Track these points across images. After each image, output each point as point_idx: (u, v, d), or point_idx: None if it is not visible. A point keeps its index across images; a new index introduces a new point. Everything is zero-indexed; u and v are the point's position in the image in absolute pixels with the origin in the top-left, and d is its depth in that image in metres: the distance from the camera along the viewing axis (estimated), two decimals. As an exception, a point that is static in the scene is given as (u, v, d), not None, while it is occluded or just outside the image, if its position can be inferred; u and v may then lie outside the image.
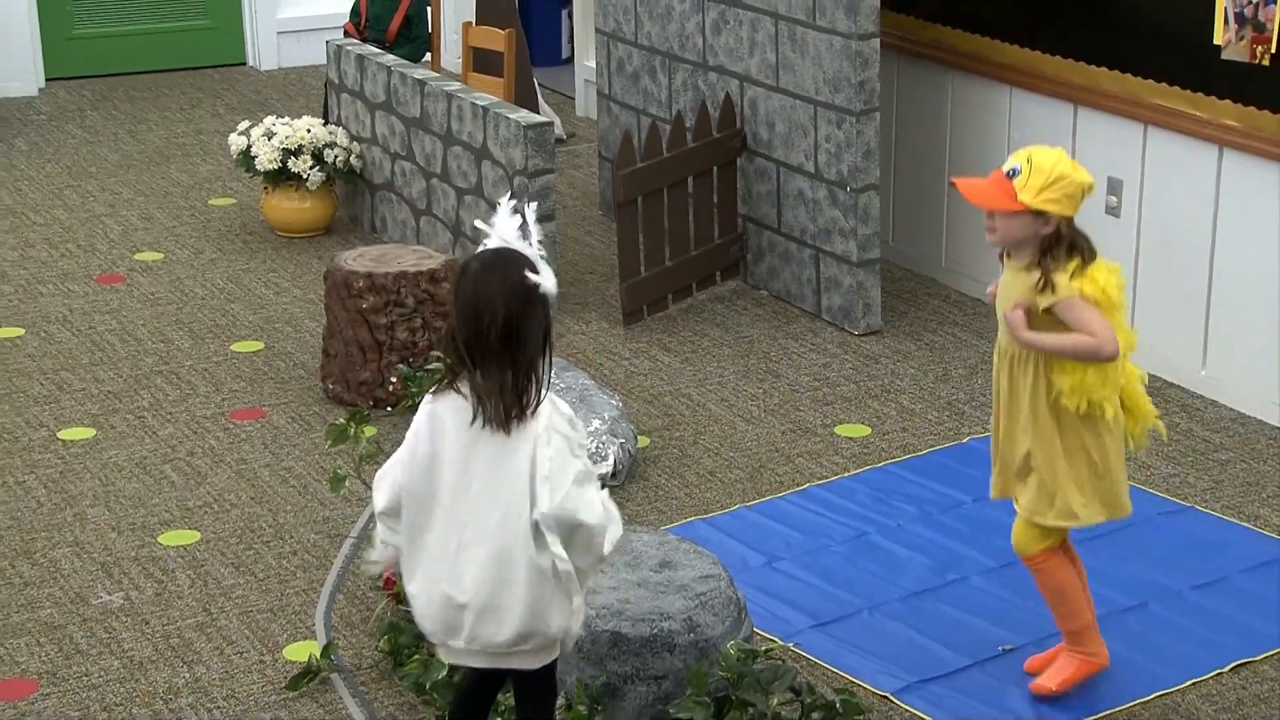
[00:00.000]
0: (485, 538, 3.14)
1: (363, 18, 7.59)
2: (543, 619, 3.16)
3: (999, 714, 3.97)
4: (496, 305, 3.13)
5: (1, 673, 4.12)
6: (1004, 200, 3.67)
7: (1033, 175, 3.65)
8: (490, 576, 3.14)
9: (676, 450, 5.21)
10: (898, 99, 6.49)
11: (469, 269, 3.21)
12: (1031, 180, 3.65)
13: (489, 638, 3.18)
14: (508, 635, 3.17)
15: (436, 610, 3.20)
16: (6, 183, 7.49)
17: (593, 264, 6.65)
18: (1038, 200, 3.64)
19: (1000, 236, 3.74)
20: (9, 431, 5.29)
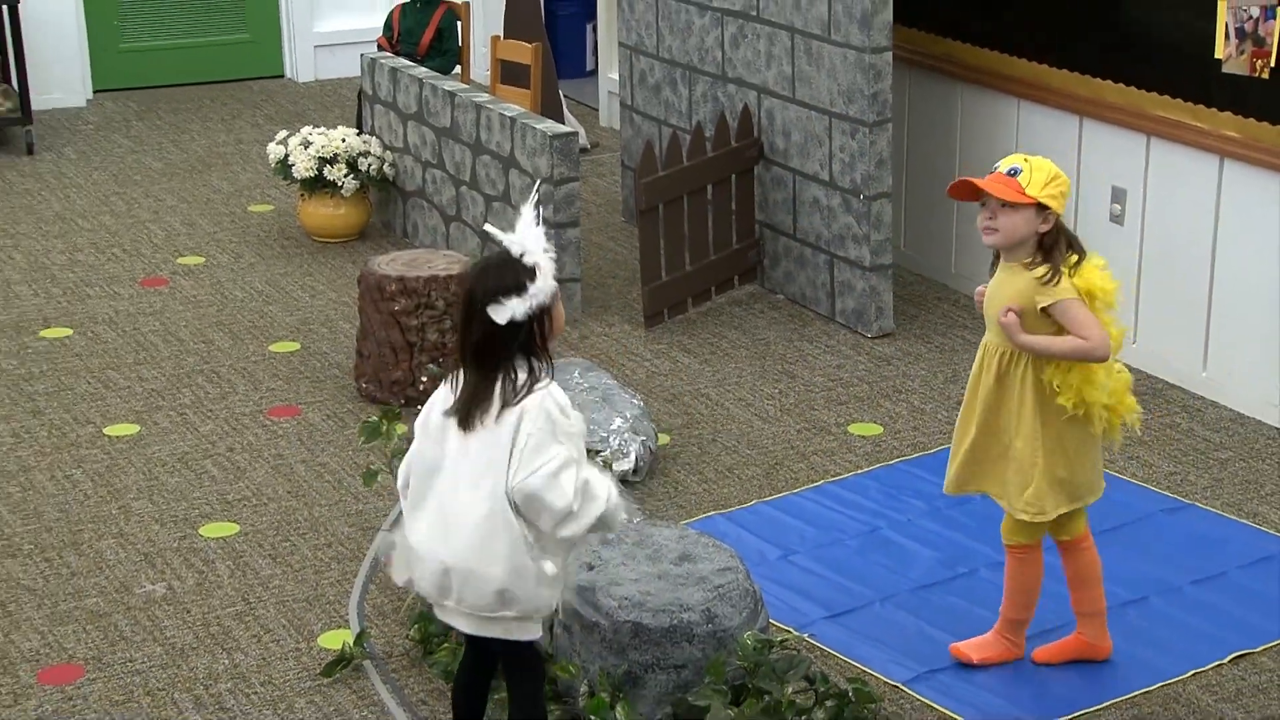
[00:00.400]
0: (474, 505, 3.26)
1: (395, 32, 7.60)
2: (522, 584, 3.26)
3: (1006, 703, 3.96)
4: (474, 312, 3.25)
5: (50, 658, 4.14)
6: (1016, 193, 3.70)
7: (1035, 173, 3.72)
8: (476, 541, 3.25)
9: (696, 448, 5.21)
10: (909, 110, 6.48)
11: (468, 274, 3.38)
12: (1035, 177, 3.71)
13: (474, 599, 3.29)
14: (490, 597, 3.27)
15: (430, 572, 3.32)
16: (56, 190, 7.52)
17: (615, 268, 6.65)
18: (1043, 194, 3.70)
19: (1003, 235, 3.76)
20: (58, 427, 5.31)
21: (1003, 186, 3.72)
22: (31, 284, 6.46)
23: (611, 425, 4.97)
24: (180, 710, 3.95)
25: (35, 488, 4.95)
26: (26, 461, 5.10)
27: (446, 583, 3.31)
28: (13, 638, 4.22)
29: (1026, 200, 3.70)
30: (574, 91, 8.87)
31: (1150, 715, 3.94)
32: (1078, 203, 5.87)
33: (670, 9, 6.63)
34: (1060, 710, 3.94)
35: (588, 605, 3.81)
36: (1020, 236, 3.75)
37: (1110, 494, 4.88)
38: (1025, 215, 3.72)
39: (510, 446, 3.23)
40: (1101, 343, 3.71)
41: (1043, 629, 4.19)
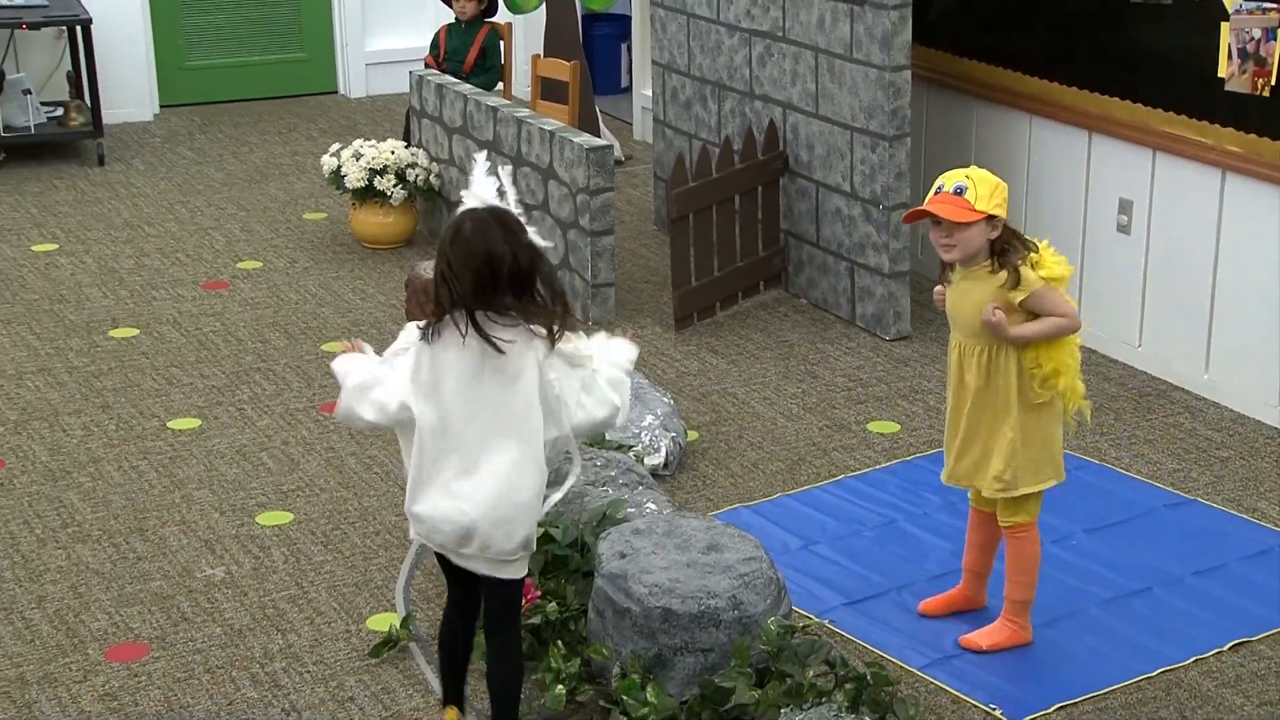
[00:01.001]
0: (499, 456, 3.25)
1: (442, 51, 7.62)
2: (532, 524, 3.33)
3: (1014, 687, 3.94)
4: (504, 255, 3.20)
5: (117, 637, 4.16)
6: (966, 212, 3.77)
7: (980, 187, 3.78)
8: (504, 490, 3.26)
9: (723, 444, 5.20)
10: (927, 125, 6.46)
11: (464, 227, 3.26)
12: (980, 191, 3.77)
13: (501, 545, 3.30)
14: (517, 542, 3.31)
15: (452, 525, 3.30)
16: (125, 198, 7.56)
17: (647, 274, 6.64)
18: (990, 206, 3.77)
19: (960, 250, 3.84)
20: (125, 422, 5.34)
21: (953, 208, 3.77)
22: (101, 286, 6.50)
23: (643, 422, 4.97)
24: (238, 687, 3.96)
25: (104, 477, 4.97)
26: (96, 453, 5.13)
27: (470, 533, 3.30)
28: (82, 618, 4.24)
29: (977, 216, 3.76)
30: (610, 107, 8.87)
31: (1153, 699, 3.92)
32: (1087, 214, 5.84)
33: (701, 29, 6.62)
34: (1067, 694, 3.92)
35: (620, 592, 3.81)
36: (976, 248, 3.82)
37: (1115, 489, 4.88)
38: (977, 228, 3.79)
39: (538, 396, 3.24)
40: (1075, 315, 3.85)
41: (1052, 617, 4.18)
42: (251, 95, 9.13)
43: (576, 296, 6.16)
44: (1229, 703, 3.90)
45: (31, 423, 5.32)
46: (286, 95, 9.20)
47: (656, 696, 3.64)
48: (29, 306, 6.27)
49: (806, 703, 3.55)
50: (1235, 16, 5.13)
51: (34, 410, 5.41)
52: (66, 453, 5.12)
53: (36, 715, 3.85)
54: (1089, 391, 4.06)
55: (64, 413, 5.39)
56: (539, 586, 4.06)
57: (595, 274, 6.08)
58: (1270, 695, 3.93)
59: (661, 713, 3.62)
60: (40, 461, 5.06)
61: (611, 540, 3.96)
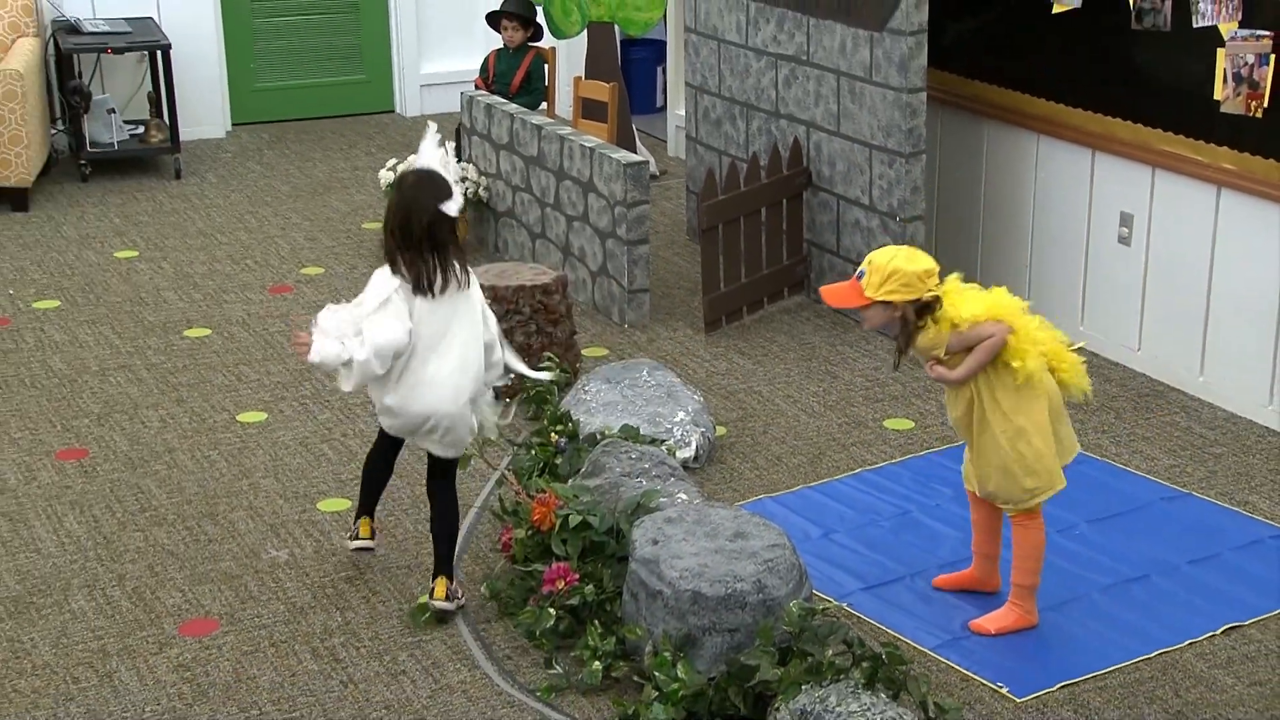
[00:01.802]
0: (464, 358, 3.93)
1: (490, 73, 7.63)
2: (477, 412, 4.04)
3: (1019, 665, 3.92)
4: (421, 214, 3.85)
5: (190, 613, 4.18)
6: (855, 299, 3.90)
7: (873, 275, 3.86)
8: (466, 386, 3.93)
9: (749, 439, 5.19)
10: (941, 143, 6.43)
11: (405, 182, 3.95)
12: (872, 279, 3.86)
13: (459, 435, 3.98)
14: (468, 433, 4.01)
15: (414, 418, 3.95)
16: (199, 209, 7.60)
17: (679, 280, 6.63)
18: (880, 294, 3.84)
19: (869, 325, 3.99)
20: (198, 415, 5.37)
21: (844, 297, 3.93)
22: (177, 290, 6.53)
23: (675, 418, 4.96)
24: (300, 660, 3.98)
25: (179, 466, 5.00)
26: (171, 443, 5.15)
27: (435, 425, 3.93)
28: (158, 594, 4.26)
29: (864, 303, 3.88)
30: (645, 125, 8.86)
31: (1150, 679, 3.89)
32: (1090, 226, 5.80)
33: (731, 54, 6.61)
34: (1070, 673, 3.90)
35: (653, 575, 3.80)
36: (881, 324, 3.95)
37: (1115, 483, 4.85)
38: (874, 310, 3.90)
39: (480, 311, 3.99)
40: (997, 330, 3.84)
41: (1057, 601, 4.15)
42: (315, 114, 9.17)
43: (614, 301, 6.16)
44: (1221, 683, 3.87)
45: (113, 415, 5.35)
46: (347, 114, 9.23)
47: (686, 673, 3.63)
48: (112, 308, 6.31)
49: (826, 680, 3.54)
50: (1230, 43, 5.09)
51: (115, 404, 5.44)
52: (145, 443, 5.15)
53: (116, 684, 3.88)
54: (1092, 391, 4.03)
55: (143, 406, 5.42)
56: (577, 570, 4.06)
57: (631, 280, 6.07)
58: (1260, 676, 3.89)
59: (691, 688, 3.62)
60: (121, 451, 5.09)
61: (645, 528, 3.96)
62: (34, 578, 4.34)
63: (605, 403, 5.03)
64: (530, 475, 4.62)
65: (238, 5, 8.82)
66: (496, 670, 3.92)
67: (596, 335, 6.02)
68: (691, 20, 6.86)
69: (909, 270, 3.84)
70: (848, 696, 3.46)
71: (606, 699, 3.78)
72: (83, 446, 5.12)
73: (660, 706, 3.60)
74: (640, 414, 4.96)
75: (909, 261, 3.85)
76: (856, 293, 3.89)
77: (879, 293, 3.84)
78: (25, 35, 7.86)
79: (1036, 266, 6.06)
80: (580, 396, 5.09)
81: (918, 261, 3.86)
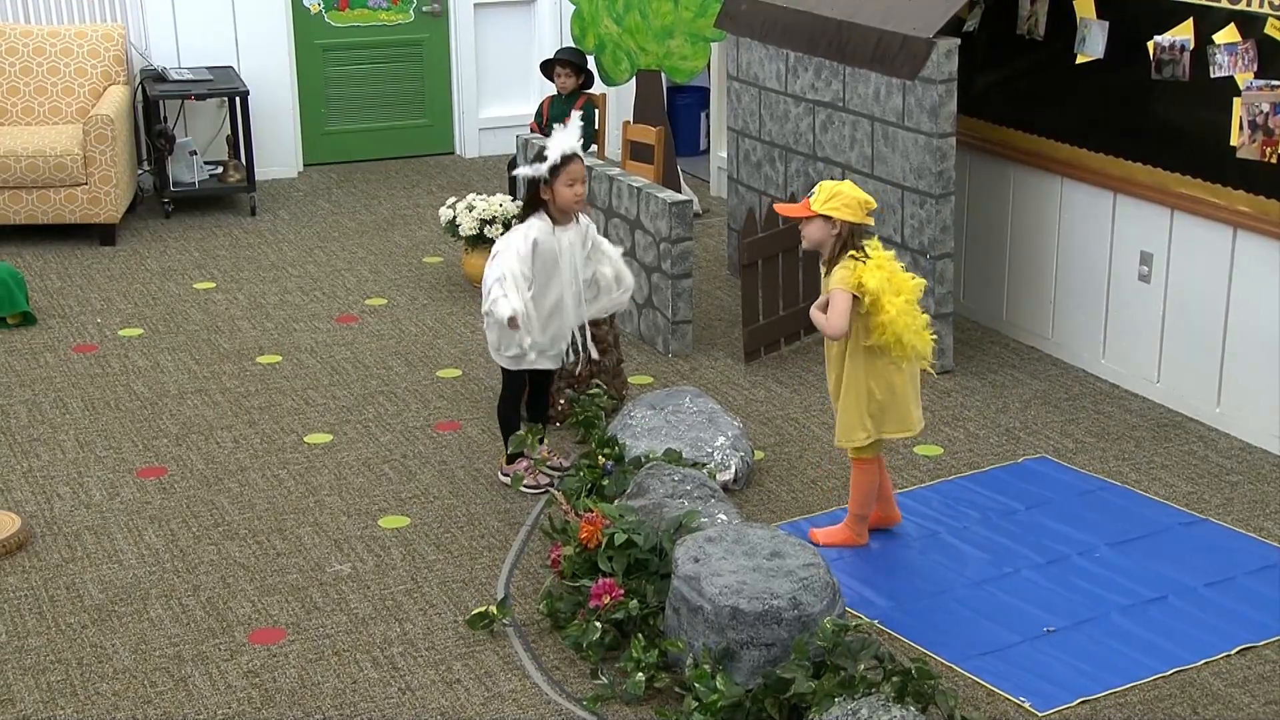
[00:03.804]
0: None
1: (544, 118, 7.67)
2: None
3: (1042, 681, 3.88)
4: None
5: (259, 622, 4.20)
6: (801, 210, 4.25)
7: (820, 193, 4.22)
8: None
9: (785, 463, 5.17)
10: (969, 185, 6.41)
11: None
12: (819, 196, 4.22)
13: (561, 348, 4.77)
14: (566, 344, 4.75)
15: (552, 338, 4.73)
16: (271, 244, 7.67)
17: (721, 313, 6.63)
18: (824, 207, 4.19)
19: (806, 240, 4.27)
20: (268, 436, 5.41)
21: (793, 210, 4.29)
22: (250, 319, 6.59)
23: (716, 442, 4.95)
24: (361, 668, 3.99)
25: (249, 484, 5.03)
26: (243, 463, 5.19)
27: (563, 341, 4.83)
28: (230, 605, 4.29)
29: (809, 213, 4.21)
30: (690, 166, 8.88)
31: (1169, 696, 3.84)
32: (1111, 265, 5.76)
33: (771, 100, 6.62)
34: (1090, 689, 3.86)
35: (694, 591, 3.80)
36: (818, 240, 4.24)
37: (1135, 508, 4.80)
38: (816, 224, 4.23)
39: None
40: (832, 328, 4.20)
41: (1077, 620, 4.11)
42: (381, 155, 9.24)
43: (659, 332, 6.17)
44: (1237, 701, 3.81)
45: (190, 436, 5.40)
46: (411, 155, 9.30)
47: (725, 685, 3.62)
48: (190, 336, 6.37)
49: (858, 693, 3.51)
50: (1246, 92, 5.05)
51: (192, 425, 5.49)
52: (219, 462, 5.19)
53: (190, 689, 3.90)
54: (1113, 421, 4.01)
55: (217, 427, 5.47)
56: (622, 586, 4.05)
57: (675, 312, 6.08)
58: (1274, 695, 3.84)
59: (729, 699, 3.60)
60: (196, 469, 5.14)
61: (687, 546, 3.95)
62: (115, 587, 4.38)
63: (650, 428, 5.03)
64: (579, 496, 4.62)
65: (310, 55, 8.93)
66: (545, 680, 3.92)
67: (642, 364, 6.03)
68: (734, 69, 6.88)
69: (851, 194, 4.21)
70: (879, 709, 3.44)
71: (649, 709, 3.77)
72: (162, 465, 5.17)
73: (700, 717, 3.59)
74: (683, 438, 4.95)
75: (853, 189, 4.22)
76: (804, 207, 4.24)
77: (823, 207, 4.19)
78: (116, 83, 7.98)
79: (1060, 302, 6.02)
80: (626, 421, 5.10)
81: (860, 192, 4.22)
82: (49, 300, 6.75)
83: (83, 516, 4.79)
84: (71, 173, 7.34)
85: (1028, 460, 5.15)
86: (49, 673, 3.96)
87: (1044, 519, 4.71)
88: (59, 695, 3.86)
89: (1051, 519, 4.72)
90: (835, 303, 4.21)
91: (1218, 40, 5.12)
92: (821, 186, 4.25)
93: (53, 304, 6.70)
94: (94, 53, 7.96)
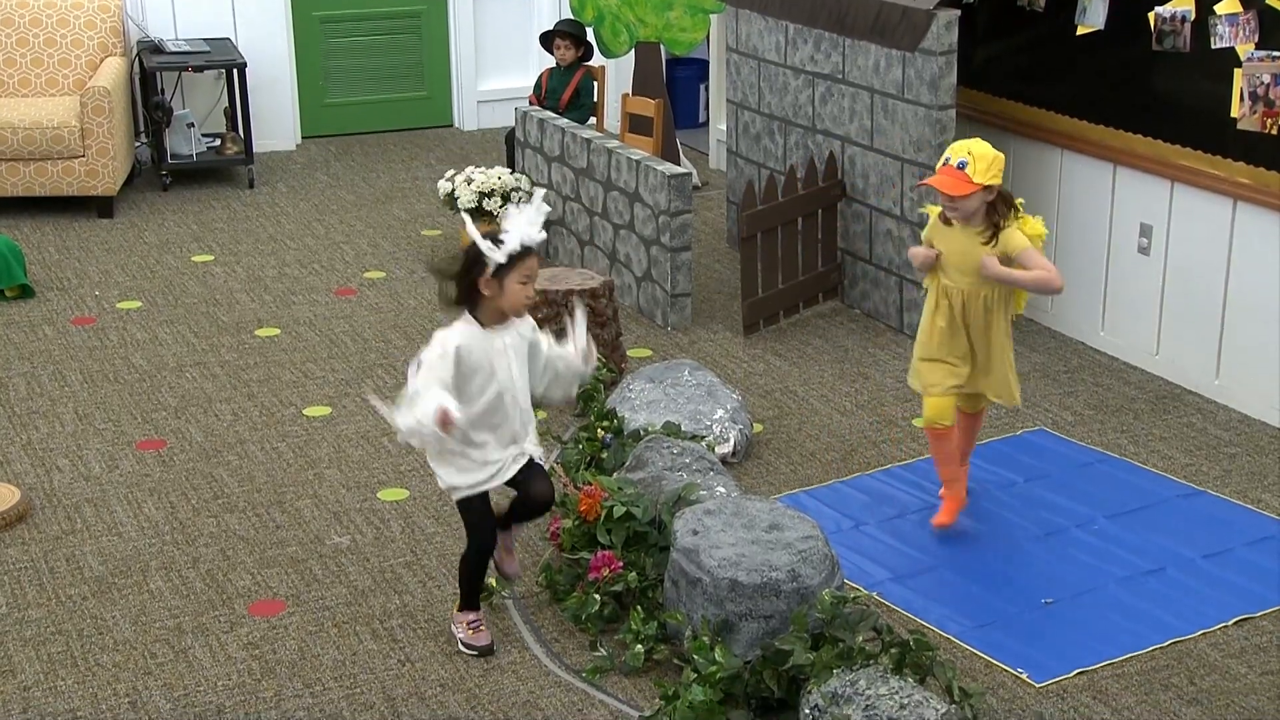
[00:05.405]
0: None
1: (543, 90, 7.64)
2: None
3: (1039, 652, 3.88)
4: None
5: (259, 594, 4.20)
6: (966, 185, 4.03)
7: (978, 162, 4.04)
8: None
9: (784, 435, 5.17)
10: (968, 157, 6.38)
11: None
12: (978, 166, 4.04)
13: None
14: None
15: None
16: (270, 216, 7.65)
17: (720, 286, 6.62)
18: (986, 178, 4.04)
19: (961, 214, 4.10)
20: (267, 409, 5.40)
21: (954, 182, 4.04)
22: (249, 292, 6.57)
23: (715, 415, 4.95)
24: (360, 640, 3.99)
25: (249, 457, 5.03)
26: (242, 435, 5.19)
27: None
28: (230, 577, 4.29)
29: (974, 188, 4.03)
30: (689, 139, 8.85)
31: (1166, 666, 3.85)
32: (1111, 237, 5.75)
33: (770, 72, 6.59)
34: (1087, 660, 3.86)
35: (693, 564, 3.80)
36: (973, 211, 4.10)
37: (1134, 480, 4.81)
38: (976, 197, 4.06)
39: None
40: (1058, 276, 4.12)
41: (1076, 592, 4.11)
42: (379, 128, 9.21)
43: (658, 305, 6.16)
44: (1234, 671, 3.82)
45: (189, 409, 5.39)
46: (409, 128, 9.27)
47: (723, 656, 3.62)
48: (189, 309, 6.36)
49: (856, 665, 3.52)
50: (1247, 63, 5.03)
51: (191, 398, 5.48)
52: (218, 435, 5.18)
53: (191, 660, 3.91)
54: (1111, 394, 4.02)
55: (216, 400, 5.46)
56: (621, 558, 4.05)
57: (674, 285, 6.06)
58: (1271, 665, 3.84)
59: (728, 671, 3.61)
60: (196, 442, 5.13)
61: (685, 519, 3.95)
62: (116, 559, 4.38)
63: (649, 401, 5.02)
64: (578, 468, 4.62)
65: (308, 27, 8.88)
66: (545, 652, 3.92)
67: (641, 337, 6.02)
68: (733, 40, 6.84)
69: (1001, 159, 4.06)
70: (877, 680, 3.44)
71: (648, 680, 3.78)
72: (161, 438, 5.16)
73: (699, 688, 3.59)
74: (681, 411, 4.95)
75: (989, 148, 4.05)
76: (964, 180, 4.02)
77: (985, 177, 4.01)
78: (113, 55, 7.94)
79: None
80: (625, 395, 5.09)
81: (1000, 153, 4.06)
82: (47, 273, 6.73)
83: (82, 489, 4.79)
84: (69, 145, 7.31)
85: (1026, 433, 5.14)
86: (49, 644, 3.96)
87: (1043, 491, 4.71)
88: (59, 666, 3.87)
89: (1050, 491, 4.73)
90: (1039, 259, 4.08)
91: (1219, 11, 5.09)
92: (973, 154, 4.02)
93: (50, 276, 6.69)
94: (90, 24, 7.92)
